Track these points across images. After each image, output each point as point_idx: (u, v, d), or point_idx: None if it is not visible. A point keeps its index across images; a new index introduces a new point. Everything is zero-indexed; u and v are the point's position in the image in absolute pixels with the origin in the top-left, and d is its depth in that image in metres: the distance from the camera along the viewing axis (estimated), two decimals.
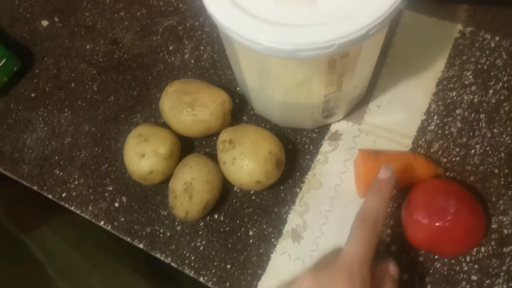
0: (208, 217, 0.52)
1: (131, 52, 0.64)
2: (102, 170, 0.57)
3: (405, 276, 0.47)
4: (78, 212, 0.55)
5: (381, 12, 0.35)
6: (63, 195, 0.56)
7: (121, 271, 0.59)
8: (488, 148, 0.52)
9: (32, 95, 0.63)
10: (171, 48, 0.64)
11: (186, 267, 0.50)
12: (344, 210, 0.51)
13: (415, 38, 0.59)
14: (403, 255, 0.48)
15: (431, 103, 0.55)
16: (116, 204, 0.55)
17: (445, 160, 0.52)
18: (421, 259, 0.48)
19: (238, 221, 0.52)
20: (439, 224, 0.43)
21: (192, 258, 0.51)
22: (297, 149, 0.55)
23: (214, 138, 0.56)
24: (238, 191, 0.53)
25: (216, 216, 0.52)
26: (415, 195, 0.47)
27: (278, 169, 0.50)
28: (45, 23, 0.68)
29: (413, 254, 0.48)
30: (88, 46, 0.66)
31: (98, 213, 0.55)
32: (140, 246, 0.52)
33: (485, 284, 0.46)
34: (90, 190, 0.56)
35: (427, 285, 0.46)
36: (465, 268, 0.47)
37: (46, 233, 0.61)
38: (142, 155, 0.51)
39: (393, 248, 0.48)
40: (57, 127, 0.61)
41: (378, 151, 0.50)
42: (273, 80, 0.44)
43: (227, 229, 0.52)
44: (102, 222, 0.54)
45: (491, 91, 0.55)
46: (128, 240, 0.53)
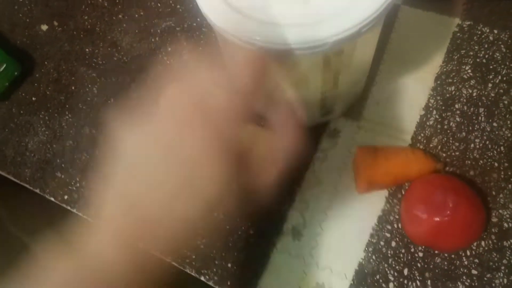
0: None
1: (130, 54, 0.65)
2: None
3: (405, 272, 0.47)
4: (80, 214, 0.56)
5: (374, 9, 0.35)
6: (65, 197, 0.57)
7: None
8: (487, 142, 0.51)
9: (33, 99, 0.64)
10: (169, 49, 0.64)
11: (187, 266, 0.51)
12: (344, 207, 0.51)
13: (413, 34, 0.59)
14: (403, 251, 0.48)
15: (430, 98, 0.55)
16: None
17: (444, 155, 0.52)
18: (421, 254, 0.47)
19: (238, 219, 0.52)
20: (438, 219, 0.43)
21: (193, 257, 0.51)
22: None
23: None
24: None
25: (215, 215, 0.52)
26: (414, 191, 0.47)
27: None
28: (44, 27, 0.69)
29: (412, 250, 0.48)
30: (87, 49, 0.66)
31: None
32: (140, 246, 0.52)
33: (485, 278, 0.46)
34: (92, 192, 0.56)
35: (427, 280, 0.46)
36: (466, 263, 0.46)
37: (50, 236, 0.62)
38: None
39: (393, 244, 0.48)
40: (58, 130, 0.61)
41: (376, 148, 0.50)
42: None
43: (227, 227, 0.52)
44: None
45: (490, 85, 0.54)
46: None
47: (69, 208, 0.56)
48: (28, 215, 0.64)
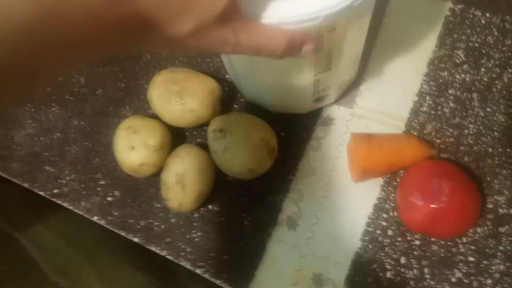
0: (202, 208, 0.52)
1: None
2: (93, 164, 0.56)
3: (402, 260, 0.47)
4: (71, 208, 0.55)
5: None
6: (55, 191, 0.55)
7: (117, 265, 0.59)
8: (481, 128, 0.51)
9: None
10: None
11: (182, 259, 0.50)
12: (339, 196, 0.51)
13: (405, 18, 0.58)
14: (400, 239, 0.48)
15: (423, 83, 0.54)
16: (109, 199, 0.54)
17: (438, 141, 0.51)
18: (418, 242, 0.47)
19: (232, 211, 0.51)
20: (434, 205, 0.43)
21: (188, 250, 0.50)
22: (290, 135, 0.54)
23: (205, 127, 0.55)
24: (231, 180, 0.53)
25: (210, 207, 0.52)
26: (409, 178, 0.47)
27: (270, 157, 0.49)
28: None
29: (409, 237, 0.48)
30: None
31: (91, 208, 0.54)
32: (135, 240, 0.52)
33: (482, 265, 0.46)
34: (82, 185, 0.55)
35: (424, 268, 0.46)
36: (462, 250, 0.46)
37: (40, 231, 0.61)
38: (132, 147, 0.50)
39: (389, 232, 0.48)
40: (45, 123, 0.60)
41: (370, 135, 0.49)
42: (262, 60, 0.43)
43: (222, 219, 0.51)
44: (95, 217, 0.53)
45: (483, 69, 0.54)
46: (123, 235, 0.52)
47: (59, 202, 0.55)
48: (18, 210, 0.62)
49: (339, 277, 0.47)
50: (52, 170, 0.57)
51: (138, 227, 0.52)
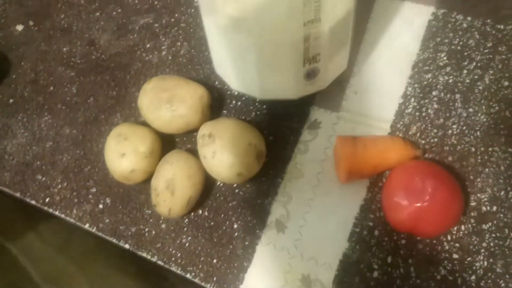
0: (192, 213, 0.53)
1: (109, 52, 0.64)
2: (85, 172, 0.57)
3: (388, 259, 0.48)
4: (62, 216, 0.55)
5: None
6: (47, 200, 0.56)
7: (108, 274, 0.59)
8: (464, 128, 0.52)
9: (11, 101, 0.63)
10: (148, 46, 0.63)
11: (172, 264, 0.51)
12: (327, 198, 0.51)
13: (389, 23, 0.59)
14: (386, 239, 0.48)
15: (407, 86, 0.55)
16: (101, 206, 0.55)
17: (423, 141, 0.52)
18: (404, 241, 0.48)
19: (222, 215, 0.52)
20: (418, 204, 0.44)
21: (179, 255, 0.51)
22: (278, 139, 0.55)
23: (195, 134, 0.56)
24: (221, 185, 0.54)
25: (200, 212, 0.53)
26: (394, 178, 0.48)
27: (258, 161, 0.50)
28: (20, 27, 0.68)
29: (395, 237, 0.48)
30: (65, 49, 0.65)
31: (83, 215, 0.55)
32: (126, 247, 0.52)
33: (466, 262, 0.46)
34: (74, 193, 0.56)
35: (410, 267, 0.47)
36: (447, 247, 0.47)
37: (31, 240, 0.61)
38: (122, 154, 0.51)
39: (376, 233, 0.49)
40: (37, 132, 0.60)
41: (356, 137, 0.50)
42: (251, 9, 0.42)
43: (212, 223, 0.52)
44: (87, 225, 0.54)
45: (465, 71, 0.55)
46: (114, 241, 0.53)
47: (51, 211, 0.56)
48: (8, 220, 0.63)
49: (327, 278, 0.48)
50: (44, 179, 0.57)
51: (129, 233, 0.53)
